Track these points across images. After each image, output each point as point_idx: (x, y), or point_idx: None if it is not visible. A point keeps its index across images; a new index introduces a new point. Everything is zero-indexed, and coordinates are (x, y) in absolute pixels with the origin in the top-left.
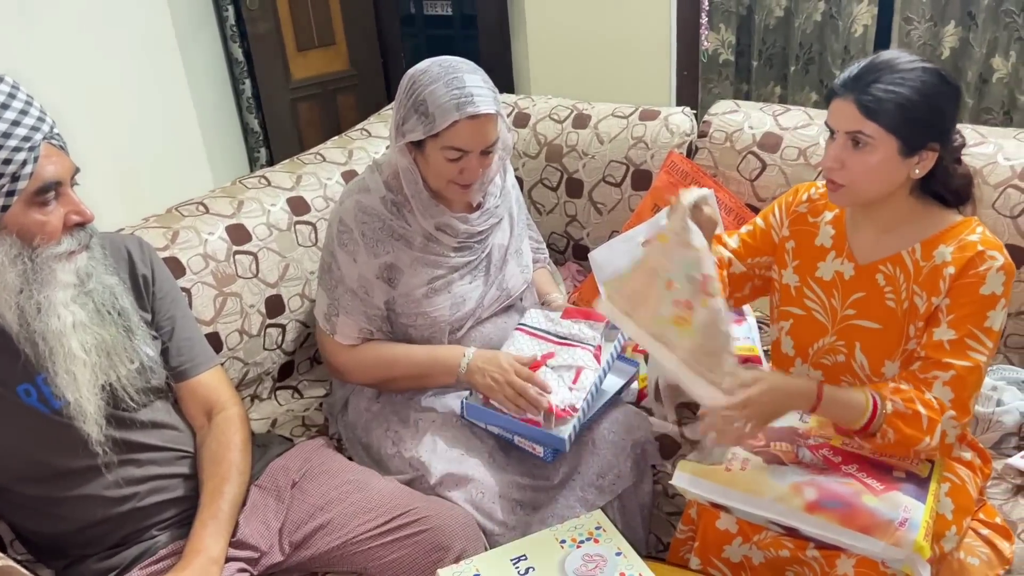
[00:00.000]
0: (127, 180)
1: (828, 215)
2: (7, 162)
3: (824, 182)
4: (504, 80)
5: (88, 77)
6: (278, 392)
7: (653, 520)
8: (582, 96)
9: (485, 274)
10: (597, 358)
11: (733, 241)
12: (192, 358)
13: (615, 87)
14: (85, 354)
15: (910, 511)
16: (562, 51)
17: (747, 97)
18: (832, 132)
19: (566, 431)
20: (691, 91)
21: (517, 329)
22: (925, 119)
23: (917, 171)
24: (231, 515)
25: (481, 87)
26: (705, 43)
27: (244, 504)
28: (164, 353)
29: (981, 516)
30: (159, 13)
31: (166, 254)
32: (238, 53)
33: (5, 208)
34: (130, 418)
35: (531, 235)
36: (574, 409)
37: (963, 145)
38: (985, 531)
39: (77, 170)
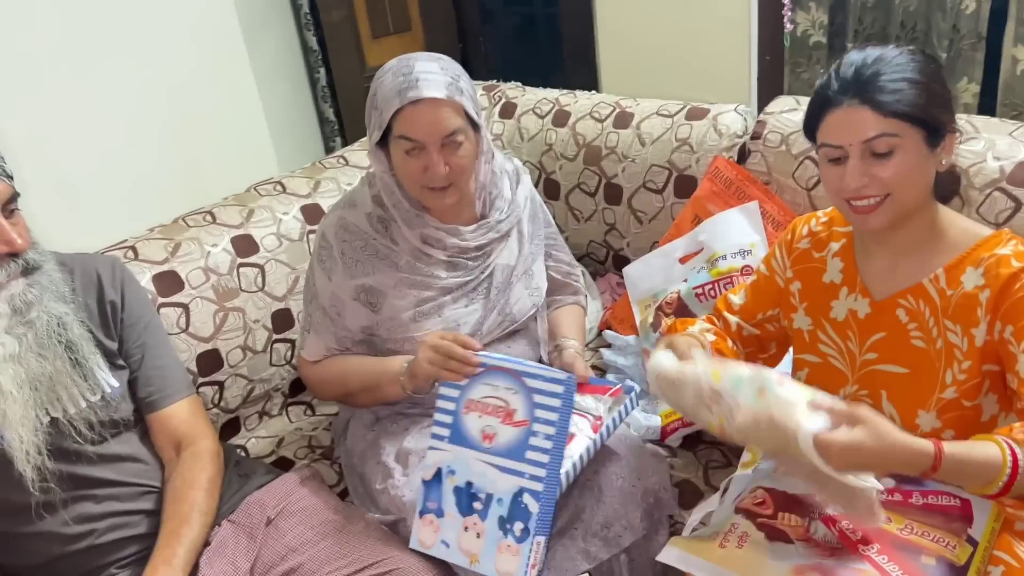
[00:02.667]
0: (190, 175)
1: (834, 246)
2: None
3: (834, 209)
4: (589, 72)
5: (150, 71)
6: (290, 408)
7: (670, 573)
8: (654, 88)
9: (485, 297)
10: (595, 429)
11: (739, 298)
12: (162, 388)
13: (688, 76)
14: (16, 389)
15: None
16: (632, 37)
17: None
18: (836, 157)
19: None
20: (775, 78)
21: None
22: (940, 98)
23: (944, 161)
24: (187, 560)
25: (432, 72)
26: (789, 24)
27: (209, 544)
28: (133, 382)
29: None
30: (224, 6)
31: (164, 268)
32: (312, 42)
33: None
34: (84, 452)
35: (557, 255)
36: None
37: None
38: None
39: (14, 196)
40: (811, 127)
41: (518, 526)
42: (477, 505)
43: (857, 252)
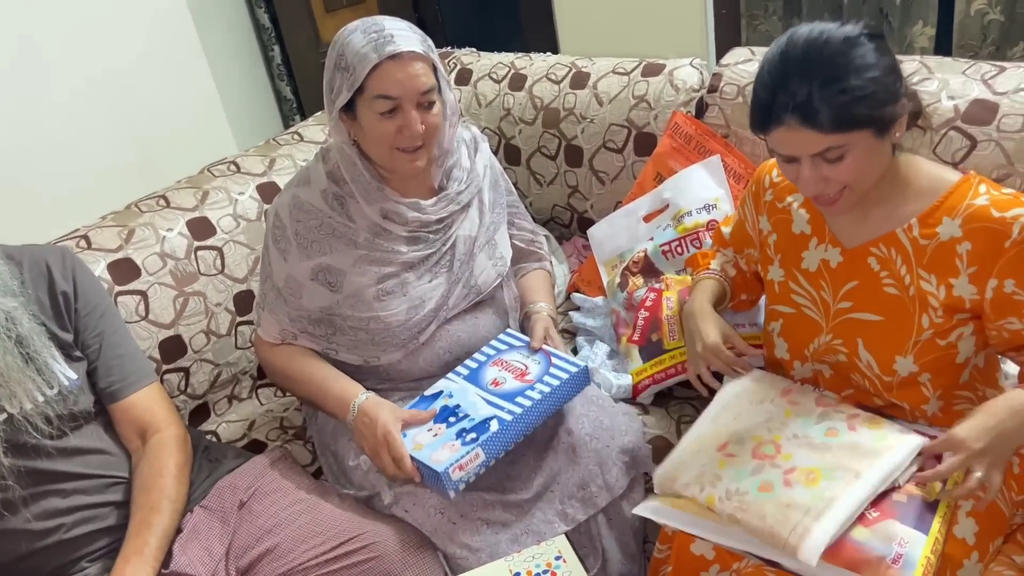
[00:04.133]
0: (146, 161)
1: (796, 199)
2: None
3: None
4: (547, 36)
5: (99, 55)
6: (259, 391)
7: (651, 532)
8: (611, 46)
9: (448, 270)
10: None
11: (728, 229)
12: (123, 377)
13: (646, 32)
14: None
15: (907, 544)
16: None
17: None
18: (788, 160)
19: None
20: (732, 31)
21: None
22: (882, 92)
23: (898, 135)
24: (159, 548)
25: (403, 29)
26: None
27: (182, 531)
28: (92, 373)
29: (1019, 538)
30: None
31: (119, 256)
32: (264, 19)
33: None
34: (43, 447)
35: (519, 223)
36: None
37: None
38: (1021, 558)
39: None
40: (757, 131)
41: (471, 435)
42: (452, 419)
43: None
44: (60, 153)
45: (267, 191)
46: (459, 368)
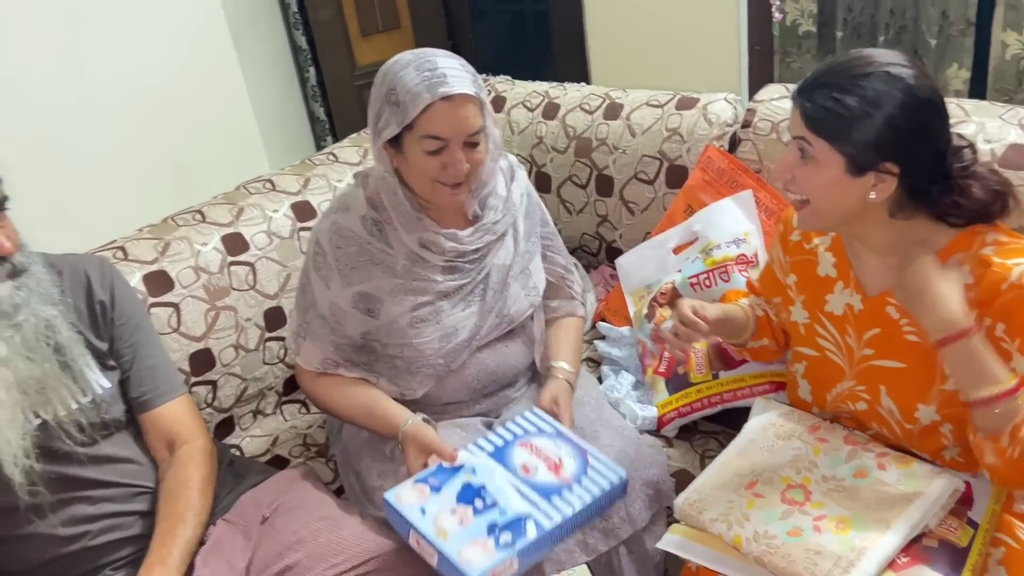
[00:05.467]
0: (180, 176)
1: (823, 241)
2: None
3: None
4: (579, 66)
5: (139, 72)
6: (284, 407)
7: (672, 566)
8: (644, 78)
9: (482, 299)
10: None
11: (756, 274)
12: (155, 387)
13: (679, 67)
14: (4, 392)
15: None
16: (622, 29)
17: None
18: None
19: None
20: (766, 68)
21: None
22: (872, 135)
23: (873, 195)
24: (182, 559)
25: (456, 68)
26: (778, 14)
27: (204, 543)
28: (125, 383)
29: None
30: (211, 5)
31: (154, 268)
32: (301, 41)
33: None
34: (75, 454)
35: (552, 257)
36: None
37: (969, 158)
38: None
39: (4, 199)
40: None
41: (506, 536)
42: (478, 503)
43: (846, 248)
44: (99, 166)
45: (301, 210)
46: (481, 442)
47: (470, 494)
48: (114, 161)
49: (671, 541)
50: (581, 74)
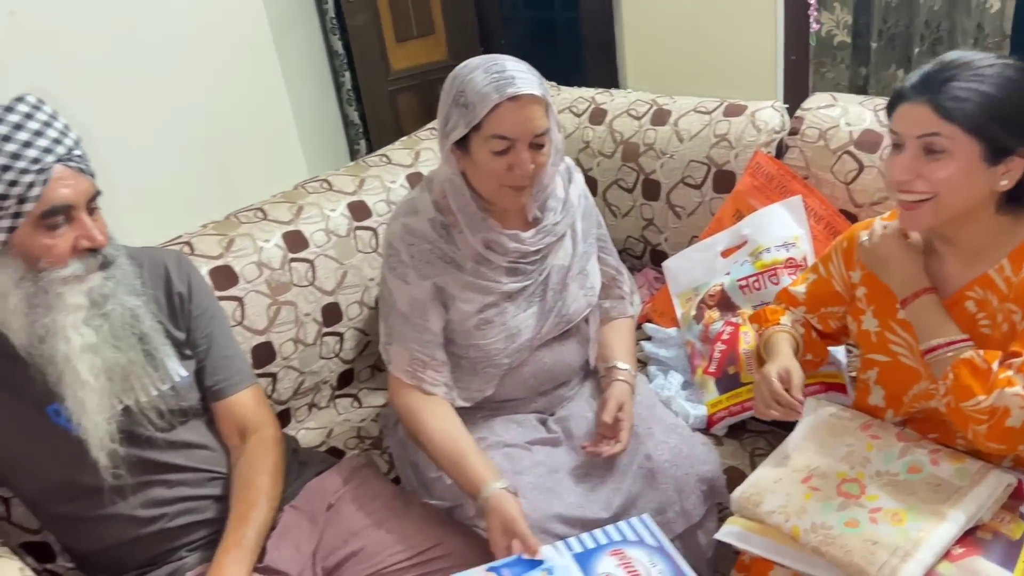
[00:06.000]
0: (220, 176)
1: None
2: (13, 184)
3: (892, 208)
4: (610, 73)
5: (187, 79)
6: (337, 400)
7: (721, 561)
8: (680, 87)
9: (541, 299)
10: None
11: (801, 289)
12: (228, 377)
13: (714, 76)
14: (93, 379)
15: None
16: (658, 36)
17: (866, 82)
18: (897, 144)
19: None
20: (801, 78)
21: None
22: (1013, 119)
23: (1004, 182)
24: (256, 541)
25: (524, 71)
26: (815, 24)
27: (274, 528)
28: (200, 372)
29: None
30: (255, 10)
31: (219, 263)
32: (338, 46)
33: (12, 230)
34: (154, 439)
35: (605, 258)
36: None
37: None
38: None
39: (97, 193)
40: (889, 116)
41: None
42: None
43: (924, 253)
44: (145, 167)
45: (357, 209)
46: (571, 541)
47: None
48: (157, 163)
49: (730, 532)
50: (611, 81)
